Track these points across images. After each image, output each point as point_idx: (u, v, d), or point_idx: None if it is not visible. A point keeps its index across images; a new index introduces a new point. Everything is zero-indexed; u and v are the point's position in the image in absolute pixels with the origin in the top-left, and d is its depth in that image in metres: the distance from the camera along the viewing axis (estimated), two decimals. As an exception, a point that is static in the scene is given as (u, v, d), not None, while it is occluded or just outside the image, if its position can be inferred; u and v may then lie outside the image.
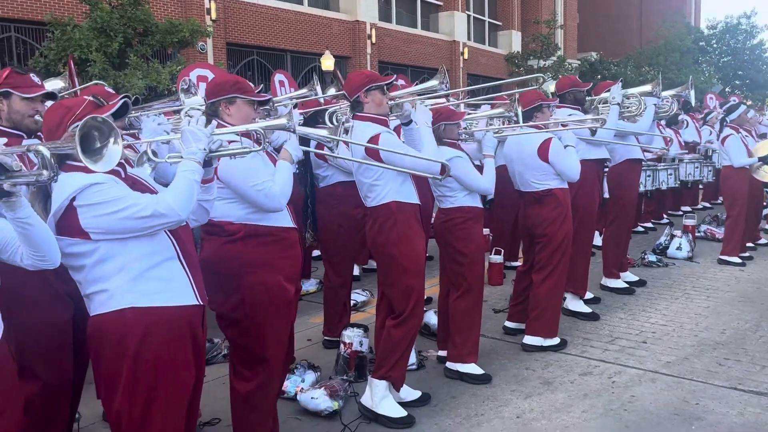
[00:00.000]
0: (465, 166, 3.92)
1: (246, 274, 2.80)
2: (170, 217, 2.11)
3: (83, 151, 1.81)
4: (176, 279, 2.21)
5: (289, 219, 2.97)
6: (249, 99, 2.86)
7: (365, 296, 5.85)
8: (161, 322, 2.15)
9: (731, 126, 7.02)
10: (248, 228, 2.83)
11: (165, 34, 11.19)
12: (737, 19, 32.56)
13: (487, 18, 25.82)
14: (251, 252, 2.81)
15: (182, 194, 2.14)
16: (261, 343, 2.88)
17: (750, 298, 5.76)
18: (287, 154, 2.93)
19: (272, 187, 2.77)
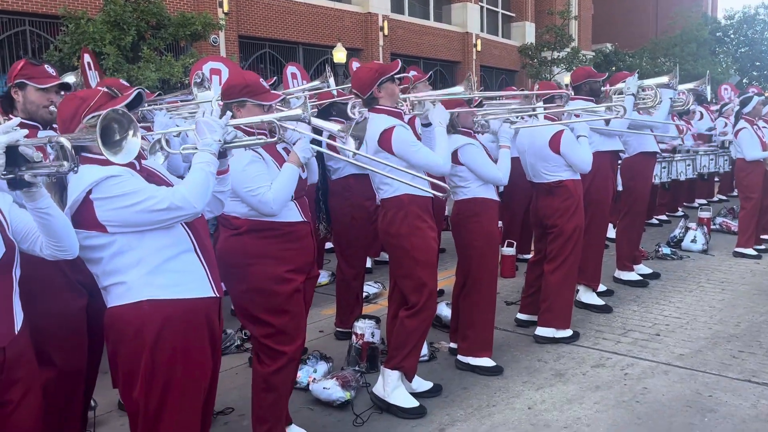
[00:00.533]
0: (477, 154, 3.89)
1: (250, 265, 2.87)
2: (186, 210, 2.11)
3: (103, 143, 1.83)
4: (193, 271, 2.22)
5: (296, 213, 3.00)
6: (260, 103, 2.86)
7: (377, 288, 5.86)
8: (178, 314, 2.16)
9: (746, 118, 6.93)
10: (251, 223, 2.90)
11: (178, 28, 11.24)
12: (755, 9, 32.11)
13: (501, 9, 25.65)
14: (254, 245, 2.90)
15: (198, 186, 2.14)
16: (270, 332, 2.93)
17: (765, 291, 5.70)
18: (295, 157, 2.93)
19: (266, 193, 2.80)
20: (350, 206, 4.64)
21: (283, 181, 2.87)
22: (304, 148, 2.95)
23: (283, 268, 2.92)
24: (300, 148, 2.95)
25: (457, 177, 3.95)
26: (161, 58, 10.71)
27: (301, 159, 2.94)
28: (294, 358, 3.02)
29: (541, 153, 4.44)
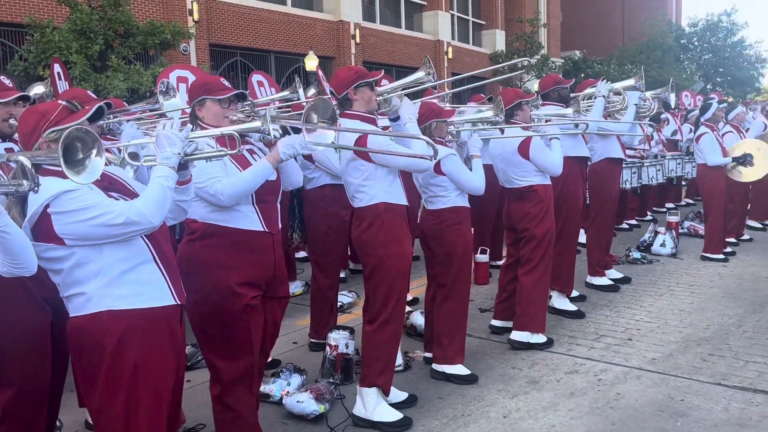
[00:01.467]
0: (459, 164, 3.92)
1: (200, 274, 2.79)
2: (142, 225, 2.12)
3: (66, 162, 1.80)
4: (152, 281, 2.23)
5: (256, 221, 2.89)
6: (215, 98, 2.86)
7: (351, 298, 5.83)
8: (138, 323, 2.16)
9: (706, 124, 7.07)
10: (207, 227, 2.82)
11: (146, 36, 11.11)
12: (718, 17, 32.94)
13: (471, 17, 25.89)
14: (206, 252, 2.81)
15: (155, 201, 2.15)
16: (217, 347, 2.87)
17: (733, 294, 5.81)
18: (275, 154, 2.82)
19: (215, 184, 2.71)
20: (326, 216, 4.61)
21: (245, 175, 2.77)
22: (287, 144, 2.82)
23: (233, 279, 2.80)
24: (284, 144, 2.82)
25: (437, 186, 3.95)
26: (130, 67, 10.57)
27: (281, 156, 2.82)
28: (239, 380, 2.91)
29: (511, 159, 4.49)
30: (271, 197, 2.98)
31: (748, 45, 32.82)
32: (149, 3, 14.06)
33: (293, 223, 4.92)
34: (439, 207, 3.97)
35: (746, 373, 4.06)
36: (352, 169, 3.41)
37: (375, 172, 3.38)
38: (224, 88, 2.91)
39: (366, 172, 3.38)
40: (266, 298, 3.01)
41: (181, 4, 14.41)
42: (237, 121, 2.92)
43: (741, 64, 32.33)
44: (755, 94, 32.38)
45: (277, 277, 3.01)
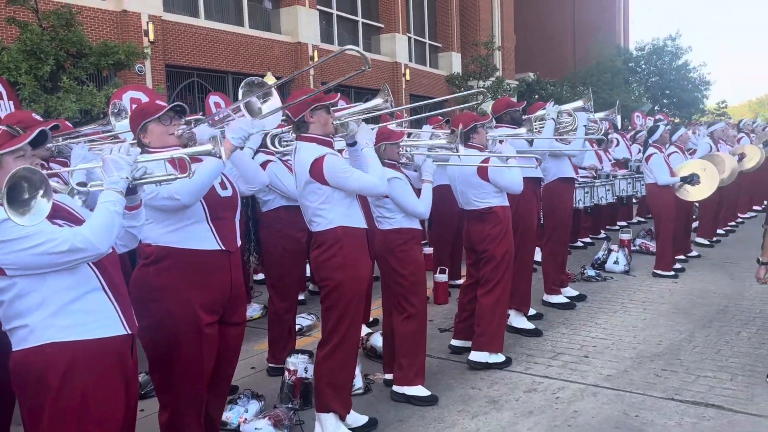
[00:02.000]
0: (403, 188, 3.95)
1: (151, 300, 2.72)
2: (89, 251, 2.04)
3: (9, 203, 1.75)
4: (100, 310, 2.16)
5: (213, 241, 2.83)
6: (155, 118, 2.83)
7: (311, 320, 5.77)
8: (85, 355, 2.09)
9: (654, 145, 7.32)
10: (161, 250, 2.75)
11: (100, 57, 10.91)
12: (663, 41, 34.28)
13: (428, 40, 26.29)
14: (161, 277, 2.74)
15: (101, 227, 2.08)
16: (167, 373, 2.81)
17: (683, 310, 5.98)
18: (225, 143, 2.73)
19: (166, 187, 2.64)
20: (281, 238, 4.57)
21: (198, 171, 2.64)
22: (235, 129, 2.76)
23: (188, 304, 2.74)
24: (232, 130, 2.76)
25: (383, 208, 3.98)
26: (82, 88, 10.35)
27: (233, 142, 2.76)
28: (188, 407, 2.84)
29: (470, 181, 4.54)
30: (227, 213, 2.91)
31: (692, 68, 34.20)
32: (103, 23, 13.84)
33: (249, 246, 4.87)
34: (387, 228, 4.00)
35: (698, 387, 4.16)
36: (309, 193, 3.39)
37: (332, 195, 3.36)
38: (160, 107, 2.88)
39: (323, 195, 3.36)
40: (223, 324, 2.95)
41: (136, 25, 14.23)
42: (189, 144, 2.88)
43: (686, 86, 33.64)
44: (700, 115, 33.69)
45: (234, 300, 2.93)
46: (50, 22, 10.54)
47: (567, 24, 39.85)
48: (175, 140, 2.86)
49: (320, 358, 3.48)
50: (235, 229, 2.96)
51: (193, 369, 2.80)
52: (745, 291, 6.55)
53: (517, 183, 4.55)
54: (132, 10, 14.16)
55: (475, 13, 28.10)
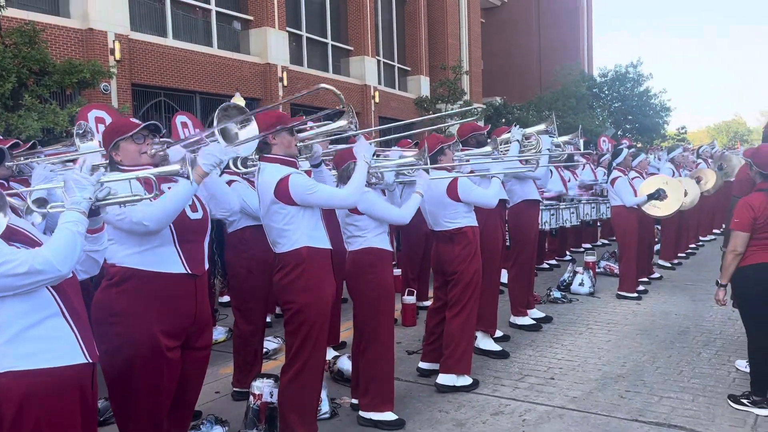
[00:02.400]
0: (375, 199, 3.92)
1: (112, 324, 2.65)
2: (49, 274, 1.95)
3: None
4: (60, 337, 2.06)
5: (179, 264, 2.77)
6: (128, 136, 2.78)
7: (277, 343, 5.70)
8: (43, 385, 1.99)
9: (618, 168, 7.50)
10: (126, 271, 2.69)
11: (63, 75, 10.74)
12: (625, 68, 35.25)
13: (397, 63, 26.58)
14: (124, 299, 2.67)
15: (62, 248, 1.99)
16: (127, 400, 2.72)
17: (646, 331, 6.08)
18: (196, 170, 2.67)
19: (135, 212, 2.56)
20: (247, 259, 4.51)
21: (168, 195, 2.61)
22: (207, 154, 2.69)
23: (150, 329, 2.66)
24: (203, 155, 2.69)
25: (353, 227, 3.95)
26: (45, 106, 10.16)
27: (203, 168, 2.68)
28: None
29: (441, 201, 4.55)
30: (196, 236, 2.86)
31: (653, 94, 35.21)
32: (68, 41, 13.67)
33: (214, 268, 4.80)
34: (357, 248, 3.97)
35: (661, 408, 4.22)
36: (273, 213, 3.36)
37: (297, 215, 3.35)
38: (134, 125, 2.85)
39: (288, 215, 3.35)
40: (187, 349, 2.88)
41: (102, 43, 14.08)
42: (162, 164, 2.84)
43: (647, 112, 34.56)
44: (661, 140, 34.61)
45: (199, 324, 2.87)
46: (13, 39, 10.36)
47: (533, 50, 40.80)
48: (147, 159, 2.81)
49: (284, 383, 3.44)
50: (204, 252, 2.91)
51: (153, 395, 2.72)
52: (706, 312, 6.69)
53: (490, 196, 4.58)
54: (98, 29, 14.02)
55: (443, 38, 28.57)
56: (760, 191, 4.11)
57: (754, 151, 4.34)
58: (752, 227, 4.01)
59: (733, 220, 4.10)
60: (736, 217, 4.07)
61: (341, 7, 23.24)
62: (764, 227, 4.02)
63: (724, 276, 4.16)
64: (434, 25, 28.34)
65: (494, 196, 4.59)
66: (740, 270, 4.07)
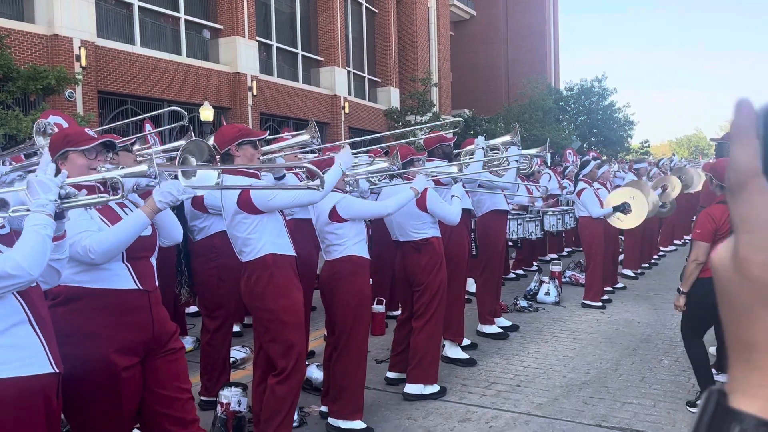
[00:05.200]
0: (354, 201, 3.97)
1: (63, 345, 2.36)
2: (21, 278, 1.91)
3: None
4: (27, 346, 2.02)
5: (128, 279, 2.63)
6: (79, 150, 2.60)
7: (245, 353, 5.66)
8: (10, 394, 1.95)
9: (584, 180, 7.68)
10: (72, 290, 2.52)
11: (28, 81, 10.58)
12: (591, 83, 36.04)
13: (367, 74, 26.74)
14: (72, 319, 2.48)
15: (33, 251, 1.93)
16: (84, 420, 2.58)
17: (610, 339, 6.21)
18: (150, 204, 2.54)
19: (83, 239, 2.44)
20: (216, 267, 4.50)
21: (118, 227, 2.49)
22: (164, 192, 2.53)
23: (103, 348, 2.49)
24: (160, 192, 2.53)
25: (332, 235, 3.96)
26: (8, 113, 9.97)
27: (158, 205, 2.54)
28: None
29: (410, 211, 4.58)
30: (145, 253, 2.73)
31: (617, 109, 36.04)
32: (32, 47, 13.43)
33: (180, 278, 4.76)
34: (336, 257, 3.99)
35: (623, 414, 4.32)
36: (238, 223, 3.41)
37: (261, 223, 3.39)
38: (89, 138, 2.66)
39: (251, 224, 3.38)
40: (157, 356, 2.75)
41: (67, 49, 13.87)
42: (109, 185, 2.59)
43: (612, 125, 35.37)
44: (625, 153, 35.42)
45: (159, 336, 2.73)
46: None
47: (501, 63, 41.44)
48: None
49: (273, 385, 3.47)
50: (153, 269, 2.78)
51: (112, 415, 2.57)
52: (667, 321, 6.87)
53: (455, 213, 4.65)
54: (63, 35, 13.81)
55: (413, 50, 28.87)
56: (720, 203, 4.25)
57: (712, 166, 4.50)
58: (713, 238, 4.15)
59: (695, 231, 4.24)
60: (698, 228, 4.21)
61: (311, 18, 23.31)
62: (725, 239, 4.16)
63: (685, 284, 4.28)
64: (404, 38, 28.62)
65: (457, 215, 4.66)
66: (703, 281, 4.20)
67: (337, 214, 3.87)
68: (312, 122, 3.97)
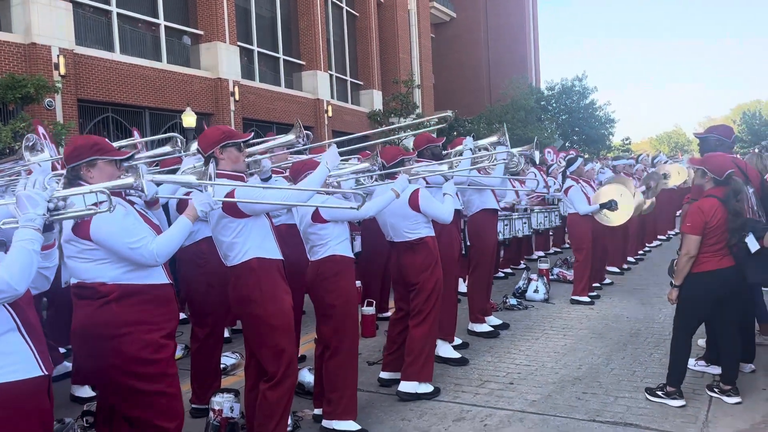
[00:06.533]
0: (332, 202, 3.94)
1: (124, 335, 2.75)
2: (6, 293, 1.95)
3: None
4: (16, 352, 2.06)
5: (163, 275, 2.93)
6: (110, 159, 2.86)
7: (235, 359, 5.60)
8: (1, 399, 1.99)
9: (572, 177, 7.72)
10: (122, 288, 2.79)
11: (6, 90, 10.45)
12: (571, 82, 36.34)
13: (349, 77, 26.74)
14: (126, 313, 2.78)
15: (19, 267, 1.99)
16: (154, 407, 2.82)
17: (600, 334, 6.24)
18: (192, 210, 2.90)
19: (148, 244, 2.75)
20: (204, 274, 4.43)
21: (173, 233, 2.84)
22: (203, 202, 2.89)
23: (157, 333, 2.84)
24: (199, 201, 2.89)
25: (315, 236, 3.95)
26: (-14, 122, 9.82)
27: (198, 213, 2.89)
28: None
29: (403, 212, 4.56)
30: None
31: (598, 107, 36.37)
32: (9, 56, 13.25)
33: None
34: (319, 257, 3.97)
35: (616, 408, 4.33)
36: (223, 228, 3.39)
37: (246, 228, 3.37)
38: (114, 149, 2.94)
39: (237, 228, 3.37)
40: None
41: (45, 58, 13.70)
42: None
43: (593, 123, 35.69)
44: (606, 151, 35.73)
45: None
46: (-49, 53, 10.01)
47: (482, 64, 41.68)
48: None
49: (265, 390, 3.46)
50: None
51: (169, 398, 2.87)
52: (655, 315, 6.91)
53: (448, 213, 4.64)
54: (41, 43, 13.66)
55: (395, 52, 28.92)
56: (710, 197, 4.27)
57: (704, 160, 4.47)
58: (703, 231, 4.17)
59: (685, 224, 4.25)
60: (688, 221, 4.23)
61: (292, 22, 23.26)
62: (714, 232, 4.18)
63: (677, 277, 4.30)
64: (386, 40, 28.67)
65: (450, 213, 4.66)
66: (695, 275, 4.22)
67: (319, 216, 3.87)
68: (298, 122, 3.94)
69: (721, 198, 4.21)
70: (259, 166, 3.72)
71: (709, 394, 4.43)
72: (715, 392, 4.41)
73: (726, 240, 4.18)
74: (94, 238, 2.70)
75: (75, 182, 2.81)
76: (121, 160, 2.95)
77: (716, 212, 4.18)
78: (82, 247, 2.74)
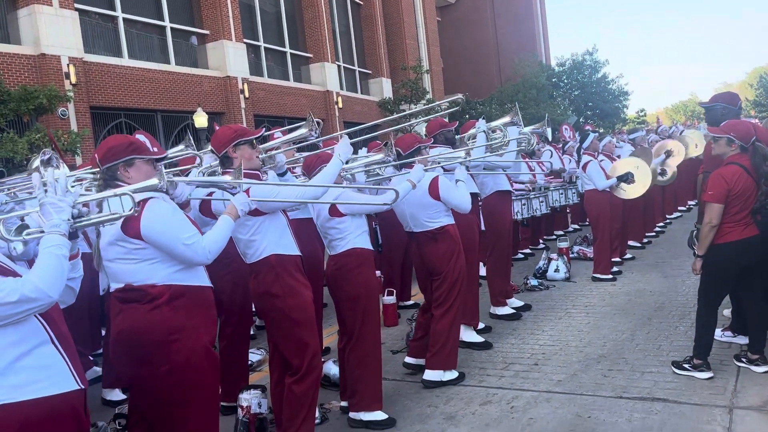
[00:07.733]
0: (350, 196, 3.96)
1: (174, 341, 2.70)
2: (41, 301, 1.92)
3: None
4: (51, 365, 2.01)
5: (206, 277, 2.92)
6: (148, 158, 2.84)
7: (261, 355, 5.66)
8: (39, 415, 1.94)
9: (587, 153, 7.64)
10: (173, 289, 2.74)
11: (19, 102, 10.56)
12: (582, 56, 35.87)
13: (357, 67, 26.65)
14: (177, 317, 2.73)
15: (51, 273, 1.95)
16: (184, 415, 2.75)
17: (624, 310, 6.19)
18: (233, 209, 2.93)
19: (200, 241, 2.74)
20: (231, 273, 4.46)
21: (218, 231, 2.83)
22: (242, 202, 2.96)
23: (205, 338, 2.80)
24: (238, 201, 2.95)
25: (334, 230, 3.96)
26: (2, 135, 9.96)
27: (239, 212, 2.94)
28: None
29: (422, 201, 4.53)
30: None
31: (610, 80, 35.88)
32: (21, 68, 13.39)
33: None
34: (339, 251, 3.99)
35: (643, 383, 4.31)
36: (240, 225, 3.40)
37: (263, 225, 3.40)
38: (149, 149, 2.92)
39: (253, 227, 3.39)
40: None
41: (56, 68, 13.83)
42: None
43: (606, 97, 35.23)
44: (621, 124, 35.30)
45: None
46: (-36, 69, 10.15)
47: (490, 44, 41.25)
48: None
49: (291, 384, 3.49)
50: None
51: (212, 403, 2.88)
52: (679, 287, 6.85)
53: (467, 201, 4.60)
54: (51, 53, 13.79)
55: (401, 38, 28.73)
56: (732, 164, 4.18)
57: (728, 127, 4.29)
58: (726, 199, 4.09)
59: (707, 193, 4.15)
60: (710, 189, 4.13)
61: (297, 15, 23.21)
62: (737, 201, 4.10)
63: (701, 247, 4.23)
64: (391, 27, 28.49)
65: (468, 201, 4.63)
66: (719, 246, 4.14)
67: (336, 210, 3.88)
68: (310, 116, 3.94)
69: (745, 165, 4.12)
70: (274, 162, 3.72)
71: (737, 365, 4.39)
72: (743, 362, 4.37)
73: (749, 208, 4.11)
74: (145, 235, 2.64)
75: (112, 183, 2.74)
76: (157, 160, 2.90)
77: (739, 179, 4.09)
78: (130, 248, 2.67)
